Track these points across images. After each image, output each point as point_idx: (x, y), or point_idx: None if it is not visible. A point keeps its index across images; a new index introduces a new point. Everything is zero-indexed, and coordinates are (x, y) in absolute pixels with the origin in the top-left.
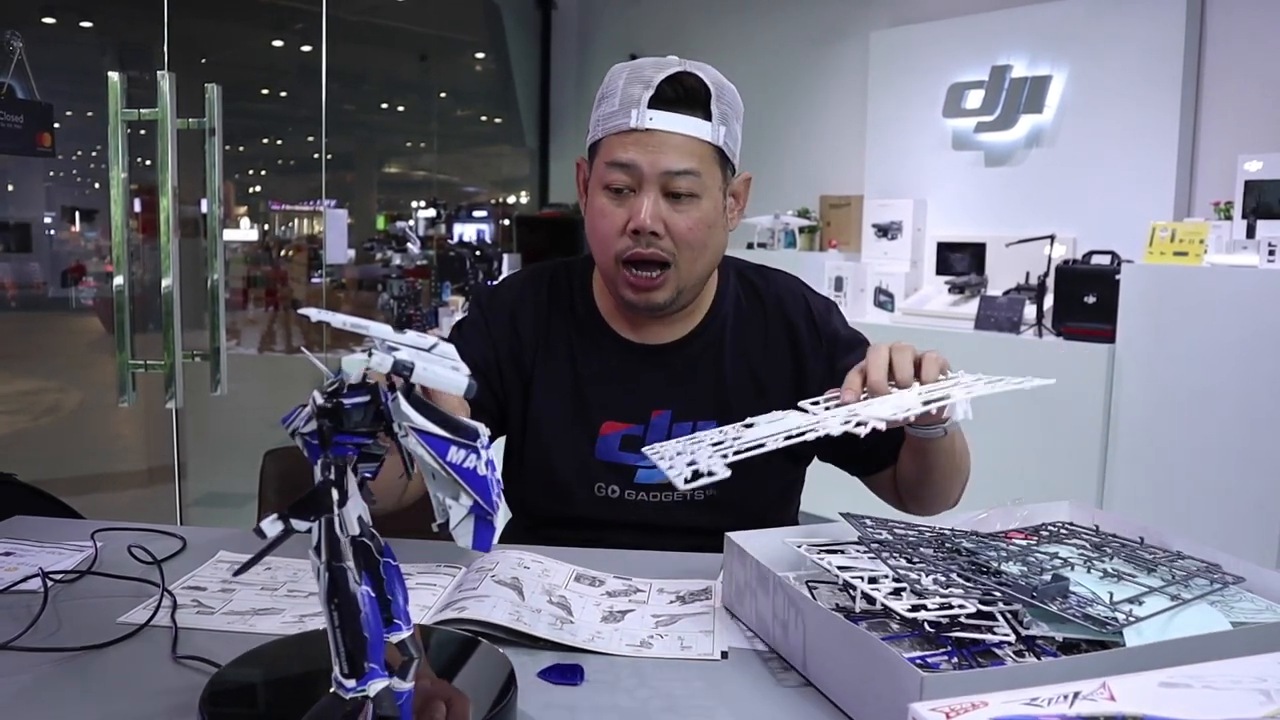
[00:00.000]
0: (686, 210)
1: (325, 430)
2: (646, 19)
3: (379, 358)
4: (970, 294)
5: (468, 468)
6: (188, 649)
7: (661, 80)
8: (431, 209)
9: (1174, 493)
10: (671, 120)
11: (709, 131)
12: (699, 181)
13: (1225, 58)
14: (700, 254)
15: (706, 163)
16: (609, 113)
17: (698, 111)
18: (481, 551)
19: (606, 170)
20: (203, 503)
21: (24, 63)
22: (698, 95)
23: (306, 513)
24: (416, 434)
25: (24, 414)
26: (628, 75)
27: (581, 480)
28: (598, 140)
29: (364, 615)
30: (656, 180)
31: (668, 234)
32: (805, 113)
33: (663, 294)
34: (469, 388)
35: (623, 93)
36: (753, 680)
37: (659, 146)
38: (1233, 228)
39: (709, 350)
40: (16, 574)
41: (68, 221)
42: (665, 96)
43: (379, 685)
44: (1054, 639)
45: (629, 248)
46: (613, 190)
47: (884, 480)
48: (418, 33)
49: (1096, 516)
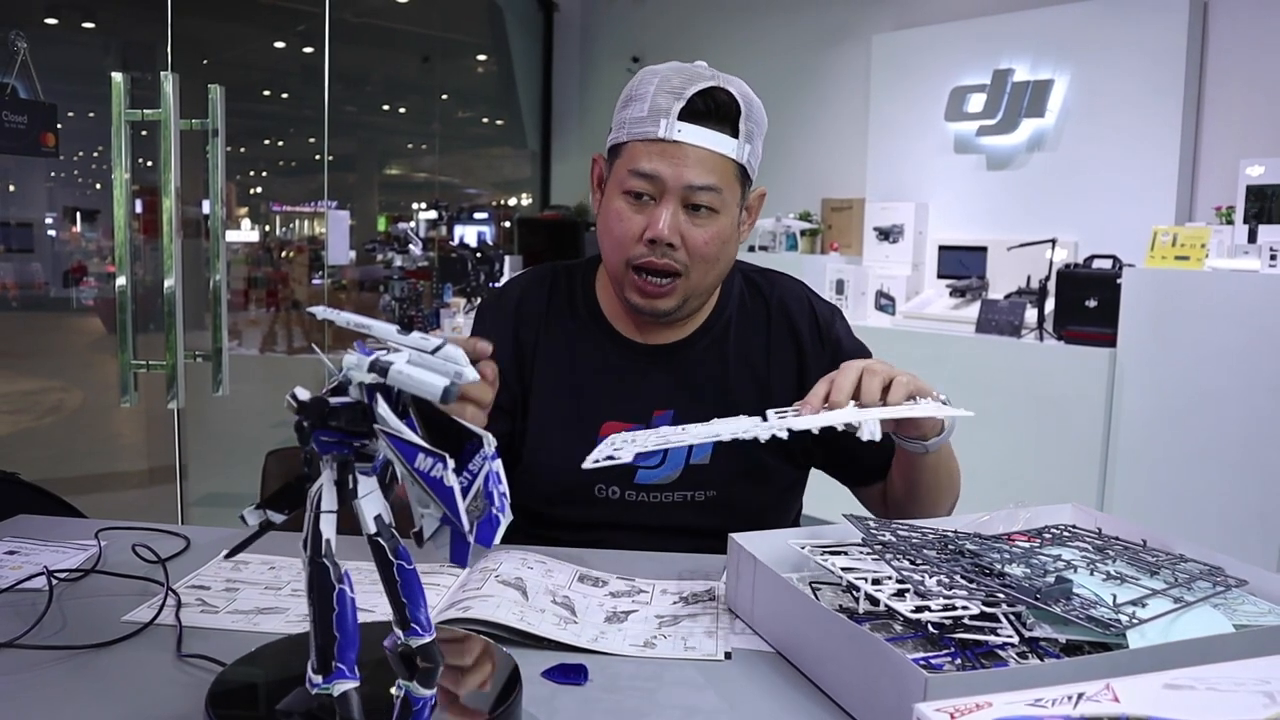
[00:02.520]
0: (704, 224)
1: (304, 427)
2: (649, 21)
3: (356, 357)
4: (971, 297)
5: (434, 476)
6: (192, 648)
7: (694, 93)
8: (433, 210)
9: (1175, 496)
10: (700, 134)
11: (734, 149)
12: (719, 197)
13: (1227, 62)
14: (712, 267)
15: (728, 179)
16: (637, 117)
17: (725, 127)
18: (459, 566)
19: (629, 176)
20: (204, 503)
21: (28, 63)
22: (728, 111)
23: (280, 505)
24: (387, 437)
25: (26, 414)
26: (659, 82)
27: (582, 482)
28: (622, 143)
29: (337, 613)
30: (678, 193)
31: (683, 246)
32: (807, 116)
33: (669, 302)
34: (445, 393)
35: (653, 99)
36: (756, 681)
37: (684, 159)
38: (1234, 232)
39: (712, 351)
40: (21, 572)
41: (70, 222)
42: (696, 109)
43: (343, 687)
44: (1057, 641)
45: (643, 255)
46: (633, 196)
47: (874, 494)
48: (420, 34)
49: (1099, 519)
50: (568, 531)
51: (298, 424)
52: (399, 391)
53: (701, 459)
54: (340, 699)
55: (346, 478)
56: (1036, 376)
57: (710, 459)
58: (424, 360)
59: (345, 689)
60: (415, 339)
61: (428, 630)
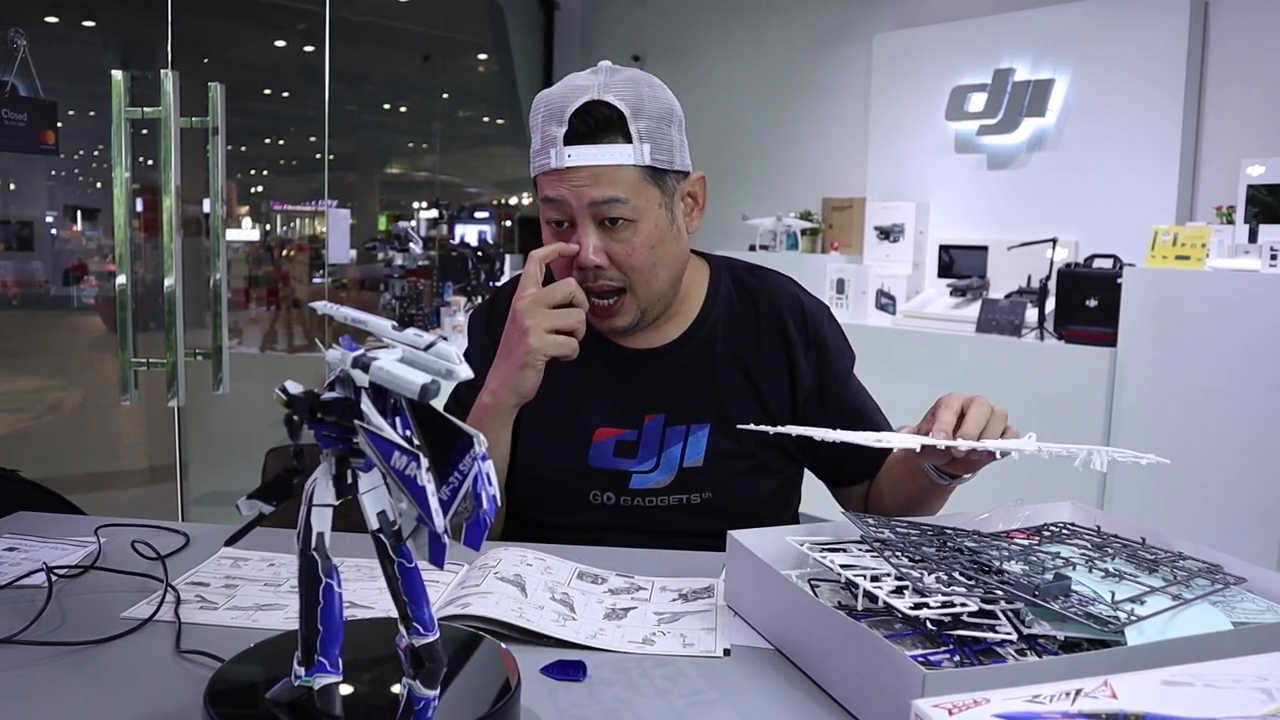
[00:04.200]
0: (625, 237)
1: (293, 420)
2: (650, 20)
3: (340, 353)
4: (972, 297)
5: (408, 475)
6: (191, 644)
7: (571, 115)
8: (434, 209)
9: (1175, 495)
10: (588, 153)
11: (630, 154)
12: (629, 206)
13: (1228, 62)
14: (653, 273)
15: (635, 186)
16: (535, 150)
17: (615, 138)
18: (435, 567)
19: (544, 206)
20: (205, 501)
21: (28, 61)
22: (611, 122)
23: (269, 497)
24: (365, 433)
25: (26, 412)
26: (544, 110)
27: (576, 488)
28: (535, 176)
29: (322, 607)
30: (587, 212)
31: (612, 263)
32: (808, 115)
33: (623, 319)
34: (423, 391)
35: (542, 130)
36: (755, 677)
37: (582, 180)
38: (1235, 232)
39: (700, 353)
40: (20, 569)
41: (70, 220)
42: (579, 131)
43: (324, 681)
44: (1055, 638)
45: (582, 279)
46: (554, 224)
47: (856, 494)
48: (421, 33)
49: (1098, 517)
50: (563, 535)
51: (287, 418)
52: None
53: (695, 461)
54: (320, 692)
55: (345, 472)
56: (1037, 376)
57: (704, 461)
58: (415, 357)
59: (326, 683)
60: (409, 335)
61: (430, 630)
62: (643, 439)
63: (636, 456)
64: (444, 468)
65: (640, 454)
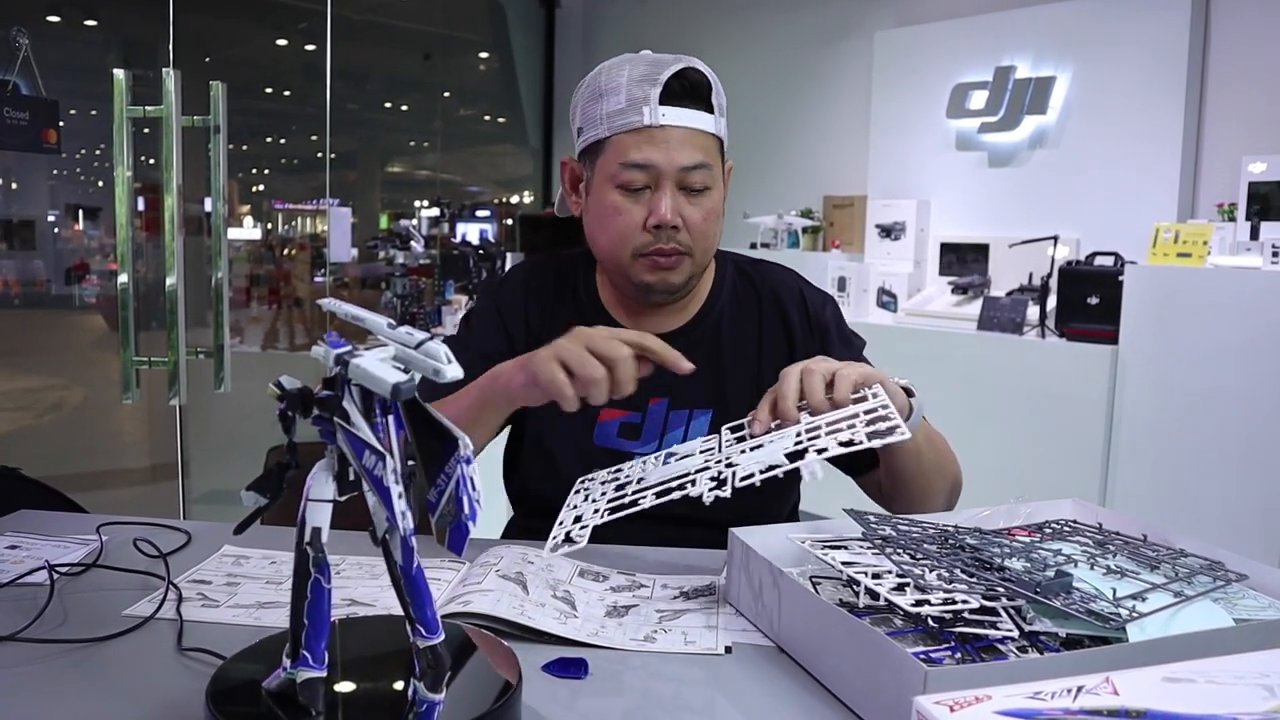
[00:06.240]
0: (700, 203)
1: (287, 415)
2: (651, 18)
3: (323, 350)
4: (973, 295)
5: (375, 474)
6: (193, 642)
7: (669, 76)
8: (435, 208)
9: (1176, 492)
10: (683, 115)
11: (713, 124)
12: (710, 174)
13: (1229, 59)
14: (711, 242)
15: (713, 154)
16: (615, 110)
17: (702, 105)
18: (455, 554)
19: (620, 170)
20: (206, 499)
21: (29, 59)
22: (702, 89)
23: (263, 490)
24: (341, 431)
25: (28, 411)
26: (630, 72)
27: (581, 467)
28: (603, 138)
29: (309, 601)
30: (673, 177)
31: (684, 227)
32: (809, 112)
33: (679, 275)
34: (395, 389)
35: (628, 90)
36: (756, 675)
37: (673, 143)
38: (1236, 229)
39: (705, 340)
40: (23, 566)
41: (71, 219)
42: (673, 91)
43: (306, 675)
44: (1057, 635)
45: (650, 243)
46: (626, 188)
47: (871, 481)
48: (422, 32)
49: (1100, 514)
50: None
51: (280, 412)
52: None
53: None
54: (302, 686)
55: (347, 470)
56: (1038, 373)
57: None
58: (406, 355)
59: (308, 677)
60: (401, 333)
61: (433, 631)
62: (646, 422)
63: (640, 439)
64: (434, 469)
65: (643, 436)
